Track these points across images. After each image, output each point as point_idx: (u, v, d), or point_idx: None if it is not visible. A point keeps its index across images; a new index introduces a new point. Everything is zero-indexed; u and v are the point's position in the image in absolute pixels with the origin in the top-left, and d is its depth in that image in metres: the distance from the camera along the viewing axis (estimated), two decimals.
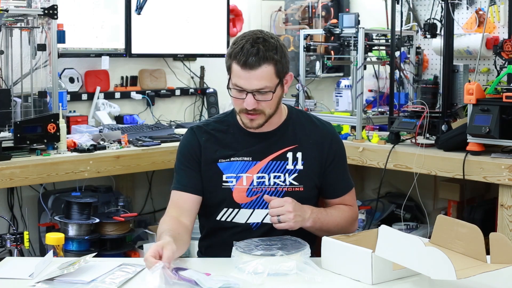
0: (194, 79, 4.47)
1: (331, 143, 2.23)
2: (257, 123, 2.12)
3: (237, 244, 1.94)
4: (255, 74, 2.03)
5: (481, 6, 3.74)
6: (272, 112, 2.13)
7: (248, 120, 2.12)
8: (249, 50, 2.02)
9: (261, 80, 2.04)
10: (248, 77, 2.03)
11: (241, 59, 2.02)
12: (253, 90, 2.05)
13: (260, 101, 2.07)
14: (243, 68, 2.03)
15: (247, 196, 2.16)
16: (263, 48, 2.03)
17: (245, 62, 2.02)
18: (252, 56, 2.01)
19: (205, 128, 2.23)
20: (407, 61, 3.79)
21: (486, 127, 2.90)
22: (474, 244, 1.77)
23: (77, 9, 3.76)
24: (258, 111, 2.09)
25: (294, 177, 2.18)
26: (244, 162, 2.17)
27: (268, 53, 2.03)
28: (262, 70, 2.03)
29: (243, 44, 2.04)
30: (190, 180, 2.17)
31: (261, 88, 2.05)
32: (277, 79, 2.07)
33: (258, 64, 2.02)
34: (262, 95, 2.06)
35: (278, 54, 2.06)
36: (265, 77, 2.04)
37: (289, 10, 4.72)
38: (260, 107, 2.08)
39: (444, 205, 3.81)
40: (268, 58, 2.03)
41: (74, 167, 3.13)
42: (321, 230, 2.14)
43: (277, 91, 2.10)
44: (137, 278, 1.87)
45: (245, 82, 2.04)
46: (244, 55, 2.02)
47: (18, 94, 3.24)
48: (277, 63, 2.06)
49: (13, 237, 3.03)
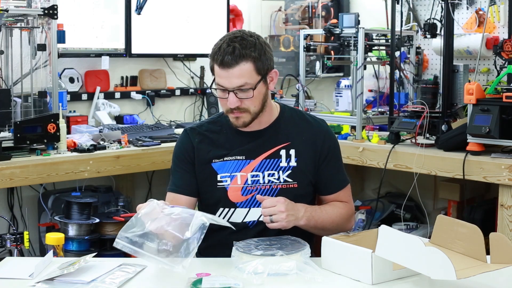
0: (194, 79, 4.47)
1: (324, 140, 2.24)
2: (243, 121, 2.14)
3: (237, 244, 1.94)
4: (233, 72, 2.06)
5: (481, 6, 3.74)
6: (257, 110, 2.14)
7: (234, 119, 2.14)
8: (225, 49, 2.06)
9: (240, 78, 2.06)
10: (227, 76, 2.06)
11: (219, 59, 2.07)
12: (233, 88, 2.07)
13: (243, 99, 2.09)
14: (221, 67, 2.07)
15: (242, 195, 2.17)
16: (239, 47, 2.06)
17: (222, 61, 2.06)
18: (228, 54, 2.05)
19: (199, 130, 2.25)
20: (407, 61, 3.79)
21: (486, 127, 2.90)
22: (474, 244, 1.77)
23: (77, 9, 3.76)
24: (242, 109, 2.11)
25: (288, 174, 2.18)
26: (238, 161, 2.18)
27: (245, 51, 2.06)
28: (240, 68, 2.06)
29: (221, 45, 2.09)
30: (184, 182, 2.20)
31: (241, 86, 2.07)
32: (258, 76, 2.09)
33: (235, 62, 2.05)
34: (243, 92, 2.08)
35: (257, 51, 2.08)
36: (244, 75, 2.06)
37: (289, 10, 4.72)
38: (244, 105, 2.10)
39: (444, 205, 3.81)
40: (245, 55, 2.06)
41: (74, 167, 3.13)
42: (316, 227, 2.15)
43: (259, 88, 2.11)
44: (137, 278, 1.87)
45: (225, 81, 2.08)
46: (221, 55, 2.06)
47: (18, 94, 3.24)
48: (256, 60, 2.08)
49: (13, 237, 3.03)
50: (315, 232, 2.18)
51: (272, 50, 2.20)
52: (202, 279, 1.79)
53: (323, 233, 2.09)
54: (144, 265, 1.95)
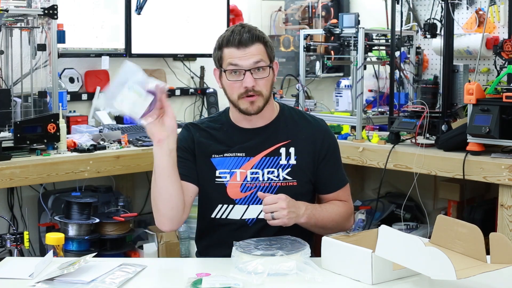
0: (194, 79, 4.47)
1: (323, 139, 2.25)
2: (257, 106, 2.15)
3: (237, 244, 1.94)
4: (250, 50, 2.11)
5: (481, 6, 3.74)
6: (268, 95, 2.17)
7: (248, 103, 2.14)
8: (240, 30, 2.13)
9: (257, 55, 2.11)
10: (244, 55, 2.10)
11: (235, 39, 2.11)
12: (251, 66, 2.10)
13: (257, 80, 2.12)
14: (238, 47, 2.11)
15: (241, 192, 2.18)
16: (253, 28, 2.15)
17: (239, 40, 2.10)
18: (245, 33, 2.11)
19: (200, 125, 2.27)
20: (407, 61, 3.79)
21: (486, 127, 2.90)
22: (474, 244, 1.77)
23: (77, 9, 3.76)
24: (256, 92, 2.13)
25: (288, 172, 2.19)
26: (238, 158, 2.19)
27: (258, 32, 2.15)
28: (256, 47, 2.12)
29: (232, 30, 2.14)
30: (186, 170, 2.18)
31: (258, 62, 2.11)
32: (268, 58, 2.15)
33: (251, 41, 2.11)
34: (259, 72, 2.12)
35: (266, 37, 2.17)
36: (260, 53, 2.13)
37: (289, 10, 4.72)
38: (258, 86, 2.12)
39: (444, 205, 3.81)
40: (259, 37, 2.13)
41: (74, 167, 3.13)
42: (316, 226, 2.15)
43: (271, 72, 2.16)
44: (137, 278, 1.87)
45: (241, 60, 2.11)
46: (237, 35, 2.11)
47: (18, 94, 3.24)
48: (267, 45, 2.15)
49: (13, 237, 3.03)
50: (315, 231, 2.19)
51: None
52: (202, 279, 1.79)
53: (323, 232, 2.09)
54: (144, 265, 1.96)
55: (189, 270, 1.96)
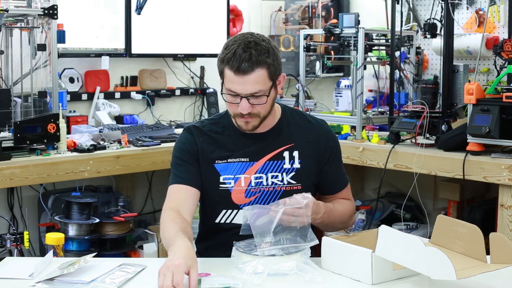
0: (194, 79, 4.47)
1: (326, 141, 2.24)
2: (252, 125, 2.13)
3: (237, 244, 1.94)
4: (248, 79, 2.02)
5: (481, 6, 3.74)
6: (266, 114, 2.14)
7: (243, 123, 2.13)
8: (241, 55, 2.01)
9: (255, 85, 2.04)
10: (242, 82, 2.03)
11: (234, 65, 2.01)
12: (247, 94, 2.05)
13: (255, 105, 2.07)
14: (236, 73, 2.02)
15: (245, 197, 2.16)
16: (255, 53, 2.02)
17: (238, 68, 2.01)
18: (245, 61, 2.01)
19: (202, 129, 2.23)
20: (407, 61, 3.79)
21: (486, 127, 2.90)
22: (474, 244, 1.77)
23: (77, 9, 3.76)
24: (253, 115, 2.10)
25: (292, 176, 2.18)
26: (241, 163, 2.17)
27: (261, 57, 2.03)
28: (256, 74, 2.03)
29: (235, 49, 2.03)
30: (189, 174, 2.16)
31: (255, 93, 2.05)
32: (270, 82, 2.08)
33: (251, 69, 2.02)
34: (256, 98, 2.06)
35: (271, 57, 2.06)
36: (258, 82, 2.04)
37: (289, 10, 4.72)
38: (255, 110, 2.09)
39: (444, 205, 3.81)
40: (261, 62, 2.03)
41: (74, 167, 3.13)
42: (327, 226, 2.18)
43: (271, 94, 2.10)
44: (137, 278, 1.87)
45: (239, 87, 2.04)
46: (237, 61, 2.01)
47: (18, 94, 3.24)
48: (270, 67, 2.05)
49: (13, 237, 3.03)
50: (322, 228, 2.19)
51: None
52: (201, 279, 1.79)
53: (329, 230, 2.10)
54: (144, 265, 1.96)
55: None
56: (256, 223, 1.91)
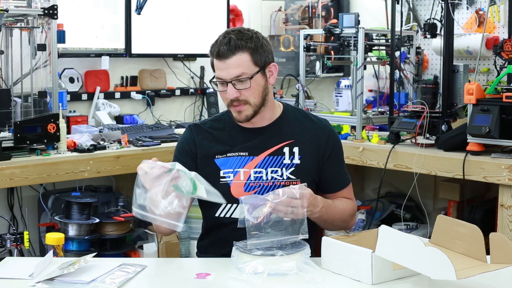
0: (194, 79, 4.47)
1: (328, 138, 2.25)
2: (245, 115, 2.15)
3: (237, 244, 1.94)
4: (230, 63, 2.10)
5: (481, 6, 3.74)
6: (258, 102, 2.15)
7: (236, 112, 2.16)
8: (221, 41, 2.11)
9: (237, 68, 2.09)
10: (225, 67, 2.10)
11: (215, 51, 2.12)
12: (231, 78, 2.10)
13: (241, 90, 2.11)
14: (218, 59, 2.12)
15: (245, 191, 2.17)
16: (235, 37, 2.10)
17: (218, 53, 2.11)
18: (223, 45, 2.10)
19: (202, 127, 2.27)
20: (407, 61, 3.79)
21: (486, 127, 2.90)
22: (474, 244, 1.78)
23: (77, 9, 3.76)
24: (242, 101, 2.13)
25: (291, 171, 2.19)
26: (241, 158, 2.19)
27: (240, 41, 2.10)
28: (237, 57, 2.10)
29: (217, 38, 2.14)
30: None
31: (238, 76, 2.10)
32: (255, 67, 2.12)
33: (231, 52, 2.09)
34: (241, 83, 2.11)
35: (253, 42, 2.12)
36: (241, 65, 2.10)
37: (289, 10, 4.72)
38: (243, 96, 2.12)
39: (444, 205, 3.81)
40: (240, 46, 2.09)
41: (74, 167, 3.13)
42: (325, 222, 2.16)
43: (258, 79, 2.13)
44: (137, 278, 1.87)
45: (222, 72, 2.11)
46: (217, 46, 2.11)
47: (18, 94, 3.24)
48: (252, 51, 2.11)
49: (13, 237, 3.03)
50: (322, 225, 2.19)
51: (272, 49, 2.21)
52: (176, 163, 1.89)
53: (329, 227, 2.09)
54: (144, 265, 1.96)
55: (189, 270, 1.96)
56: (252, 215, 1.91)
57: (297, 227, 1.94)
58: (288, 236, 1.93)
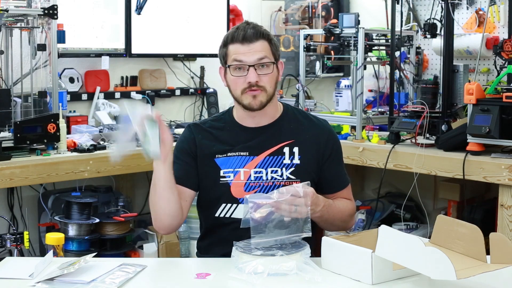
0: (194, 79, 4.47)
1: (327, 139, 2.26)
2: (260, 101, 2.16)
3: (237, 244, 1.94)
4: (254, 46, 2.13)
5: (481, 6, 3.74)
6: (271, 92, 2.18)
7: (251, 97, 2.15)
8: (245, 27, 2.15)
9: (261, 52, 2.14)
10: (248, 50, 2.13)
11: (240, 35, 2.14)
12: (254, 61, 2.13)
13: (261, 75, 2.14)
14: (242, 42, 2.13)
15: (245, 191, 2.17)
16: (258, 26, 2.18)
17: (244, 36, 2.13)
18: (250, 29, 2.14)
19: (202, 126, 2.27)
20: (407, 61, 3.79)
21: (486, 127, 2.90)
22: (474, 244, 1.77)
23: (77, 9, 3.76)
24: (260, 86, 2.14)
25: (291, 171, 2.19)
26: (241, 157, 2.19)
27: (263, 29, 2.18)
28: (261, 43, 2.14)
29: (238, 27, 2.17)
30: (185, 173, 2.20)
31: (262, 58, 2.13)
32: (273, 57, 2.17)
33: (256, 37, 2.14)
34: (263, 68, 2.14)
35: (270, 35, 2.19)
36: (264, 50, 2.15)
37: (289, 10, 4.72)
38: (261, 82, 2.14)
39: (444, 205, 3.81)
40: (264, 34, 2.16)
41: (74, 167, 3.13)
42: (326, 222, 2.16)
43: (275, 68, 2.18)
44: (137, 278, 1.87)
45: (245, 56, 2.13)
46: (242, 31, 2.14)
47: (18, 94, 3.24)
48: (272, 42, 2.18)
49: (13, 237, 3.03)
50: (321, 225, 2.19)
51: None
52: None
53: (329, 227, 2.09)
54: (144, 265, 1.96)
55: (189, 270, 1.96)
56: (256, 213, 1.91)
57: (300, 225, 1.94)
58: (292, 234, 1.93)
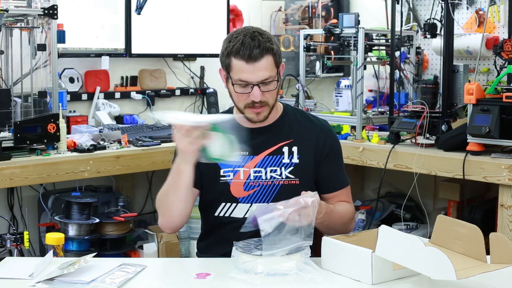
0: (194, 79, 4.47)
1: (326, 138, 2.26)
2: (263, 116, 2.17)
3: (237, 244, 1.94)
4: (259, 66, 2.09)
5: (481, 6, 3.74)
6: (274, 103, 2.19)
7: (254, 114, 2.16)
8: (250, 43, 2.08)
9: (265, 71, 2.10)
10: (253, 70, 2.09)
11: (245, 53, 2.07)
12: (258, 81, 2.10)
13: (265, 92, 2.12)
14: (248, 61, 2.08)
15: (244, 190, 2.18)
16: (263, 40, 2.10)
17: (249, 55, 2.07)
18: (256, 48, 2.08)
19: None
20: (407, 61, 3.79)
21: (486, 127, 2.90)
22: (474, 244, 1.77)
23: (77, 9, 3.76)
24: (263, 103, 2.14)
25: (290, 171, 2.20)
26: (241, 157, 2.19)
27: (268, 44, 2.11)
28: (265, 60, 2.09)
29: (242, 39, 2.09)
30: None
31: (266, 79, 2.10)
32: (275, 68, 2.14)
33: (261, 55, 2.08)
34: (266, 85, 2.12)
35: (274, 44, 2.14)
36: (268, 68, 2.10)
37: (289, 10, 4.72)
38: (265, 98, 2.13)
39: (444, 205, 3.81)
40: (268, 49, 2.10)
41: (74, 167, 3.13)
42: (327, 227, 2.16)
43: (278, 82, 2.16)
44: (137, 278, 1.87)
45: (250, 75, 2.09)
46: (247, 49, 2.07)
47: (18, 94, 3.24)
48: (275, 53, 2.13)
49: (13, 237, 3.03)
50: (322, 230, 2.19)
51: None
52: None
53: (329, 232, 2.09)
54: (144, 265, 1.96)
55: (189, 270, 1.96)
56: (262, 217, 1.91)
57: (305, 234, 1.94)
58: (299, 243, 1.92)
